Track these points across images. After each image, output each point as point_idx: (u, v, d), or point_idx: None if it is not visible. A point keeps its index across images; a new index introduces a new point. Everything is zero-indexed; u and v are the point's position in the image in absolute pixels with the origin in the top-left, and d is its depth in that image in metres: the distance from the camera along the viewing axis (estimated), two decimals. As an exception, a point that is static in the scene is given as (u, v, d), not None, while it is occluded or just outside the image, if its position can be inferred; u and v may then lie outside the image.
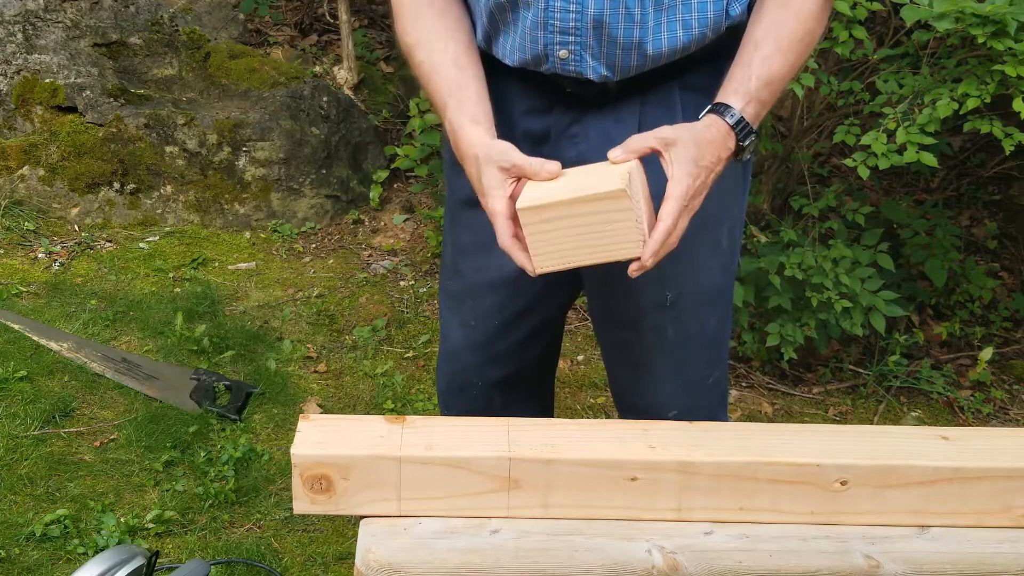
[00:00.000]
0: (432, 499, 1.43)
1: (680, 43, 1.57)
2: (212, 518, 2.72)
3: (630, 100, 1.64)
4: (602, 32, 1.55)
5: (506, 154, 1.49)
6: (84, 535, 2.62)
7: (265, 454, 2.97)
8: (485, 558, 1.42)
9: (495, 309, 1.85)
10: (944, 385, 3.49)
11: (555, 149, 1.66)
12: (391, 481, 1.41)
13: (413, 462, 1.40)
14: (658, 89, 1.63)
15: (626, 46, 1.56)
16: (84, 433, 3.02)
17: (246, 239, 4.14)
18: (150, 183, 4.17)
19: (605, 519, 1.47)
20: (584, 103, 1.65)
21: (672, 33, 1.56)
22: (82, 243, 4.01)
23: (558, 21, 1.55)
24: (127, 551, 1.76)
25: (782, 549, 1.47)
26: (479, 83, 1.59)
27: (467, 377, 1.94)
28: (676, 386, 1.84)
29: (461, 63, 1.60)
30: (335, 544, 2.67)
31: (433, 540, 1.48)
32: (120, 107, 4.20)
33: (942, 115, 2.79)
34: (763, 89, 1.51)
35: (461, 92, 1.58)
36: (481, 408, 1.93)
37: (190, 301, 3.67)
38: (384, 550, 1.45)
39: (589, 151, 1.62)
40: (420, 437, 1.43)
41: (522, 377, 1.96)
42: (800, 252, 3.21)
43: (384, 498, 1.42)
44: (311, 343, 3.54)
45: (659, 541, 1.47)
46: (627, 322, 1.79)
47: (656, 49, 1.57)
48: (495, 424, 1.48)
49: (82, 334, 3.44)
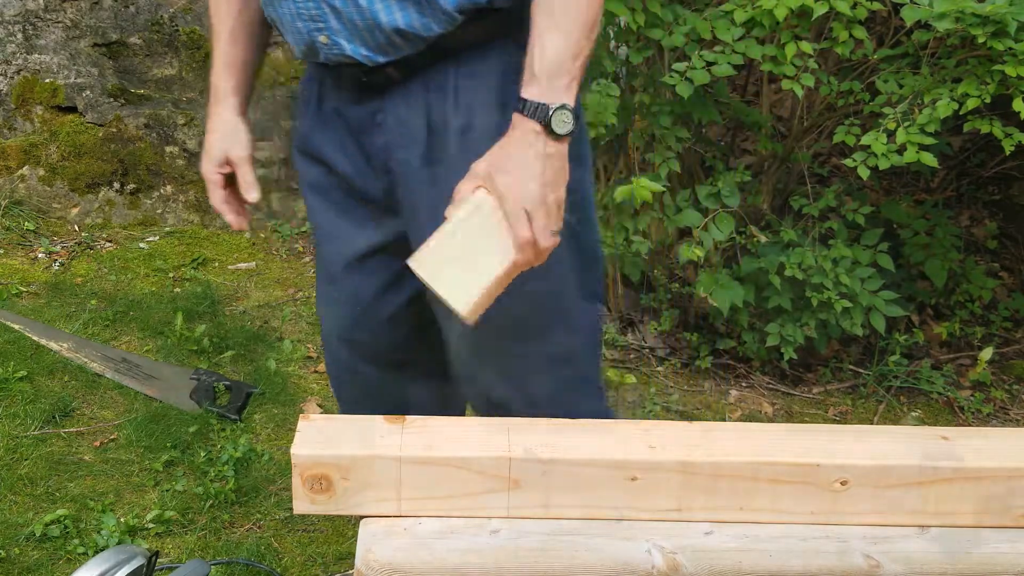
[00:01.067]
0: (432, 499, 1.43)
1: (417, 22, 1.62)
2: (212, 518, 2.72)
3: (415, 85, 1.69)
4: (341, 15, 1.63)
5: (239, 150, 1.92)
6: (84, 535, 2.62)
7: (265, 454, 2.97)
8: (485, 558, 1.42)
9: (354, 291, 1.90)
10: (944, 385, 3.49)
11: (369, 137, 1.74)
12: (391, 481, 1.41)
13: (413, 462, 1.40)
14: (436, 74, 1.68)
15: (366, 26, 1.63)
16: (84, 433, 3.02)
17: (246, 239, 4.14)
18: (150, 183, 4.17)
19: (605, 519, 1.47)
20: (380, 91, 1.71)
21: (404, 12, 1.61)
22: (82, 243, 4.02)
23: (304, 9, 1.65)
24: (127, 551, 1.76)
25: (782, 549, 1.47)
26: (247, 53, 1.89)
27: (344, 365, 1.99)
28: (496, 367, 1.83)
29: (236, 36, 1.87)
30: (335, 544, 2.67)
31: (433, 540, 1.48)
32: (120, 107, 4.20)
33: (942, 115, 2.79)
34: (548, 66, 1.54)
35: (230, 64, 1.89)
36: (372, 390, 1.98)
37: (190, 301, 3.67)
38: (384, 550, 1.45)
39: (392, 138, 1.72)
40: (420, 437, 1.43)
41: (399, 352, 1.97)
42: (800, 252, 3.21)
43: (384, 498, 1.42)
44: (311, 343, 3.54)
45: (659, 541, 1.47)
46: None
47: (392, 26, 1.62)
48: (495, 424, 1.48)
49: (82, 334, 3.44)
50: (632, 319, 3.71)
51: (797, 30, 2.93)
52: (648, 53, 3.16)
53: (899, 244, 3.63)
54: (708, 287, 3.25)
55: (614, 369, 3.42)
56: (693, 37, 2.97)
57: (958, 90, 2.79)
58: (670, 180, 3.30)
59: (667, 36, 2.98)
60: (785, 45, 2.91)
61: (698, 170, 3.58)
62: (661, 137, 3.19)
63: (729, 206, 3.22)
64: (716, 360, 3.55)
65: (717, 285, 3.25)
